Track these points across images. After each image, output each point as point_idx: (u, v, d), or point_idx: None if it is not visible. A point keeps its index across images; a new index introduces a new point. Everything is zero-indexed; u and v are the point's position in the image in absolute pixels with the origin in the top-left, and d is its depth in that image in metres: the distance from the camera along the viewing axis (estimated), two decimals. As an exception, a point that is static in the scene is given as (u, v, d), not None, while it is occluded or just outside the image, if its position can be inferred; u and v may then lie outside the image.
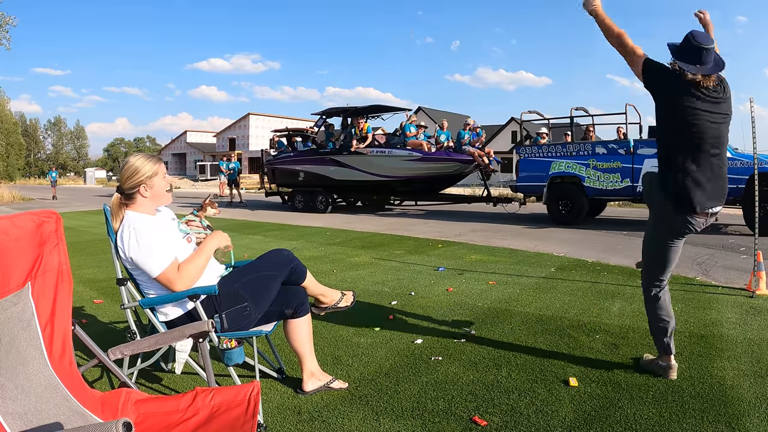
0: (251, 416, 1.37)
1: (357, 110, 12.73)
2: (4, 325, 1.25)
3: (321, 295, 2.52)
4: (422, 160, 11.29)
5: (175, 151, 56.00)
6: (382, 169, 11.67)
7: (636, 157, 8.51)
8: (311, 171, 12.80)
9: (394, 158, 11.54)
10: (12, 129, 51.94)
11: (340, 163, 12.22)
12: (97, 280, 4.76)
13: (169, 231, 2.17)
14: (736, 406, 2.15)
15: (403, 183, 11.88)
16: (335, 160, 12.30)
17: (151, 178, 2.10)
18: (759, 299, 3.92)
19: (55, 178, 24.22)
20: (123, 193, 2.09)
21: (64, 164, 71.02)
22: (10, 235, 1.29)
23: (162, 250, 2.04)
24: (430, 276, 4.89)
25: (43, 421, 1.24)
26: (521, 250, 6.44)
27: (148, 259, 2.01)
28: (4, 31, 22.26)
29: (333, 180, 12.45)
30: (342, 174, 12.24)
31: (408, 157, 11.39)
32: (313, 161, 12.80)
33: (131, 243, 2.01)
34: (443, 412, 2.14)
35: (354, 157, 11.95)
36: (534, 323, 3.35)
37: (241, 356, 2.08)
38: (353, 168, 12.02)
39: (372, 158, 11.77)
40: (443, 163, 11.28)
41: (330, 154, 12.46)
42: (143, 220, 2.07)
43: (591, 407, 2.16)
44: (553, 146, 9.67)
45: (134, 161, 2.10)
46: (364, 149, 11.86)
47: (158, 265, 2.02)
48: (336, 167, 12.30)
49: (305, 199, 13.18)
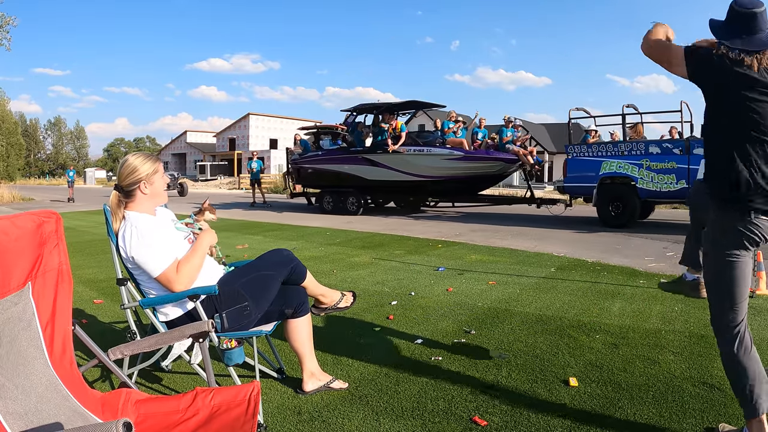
0: (251, 416, 1.37)
1: (390, 107, 11.96)
2: (4, 326, 1.25)
3: (321, 296, 2.52)
4: (464, 159, 10.60)
5: (175, 151, 55.99)
6: (420, 168, 10.99)
7: (692, 157, 7.99)
8: (342, 171, 12.02)
9: (433, 157, 10.83)
10: (12, 129, 51.91)
11: (375, 163, 11.45)
12: (97, 280, 4.76)
13: (170, 231, 2.17)
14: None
15: (442, 183, 11.16)
16: (369, 159, 11.53)
17: (151, 176, 2.11)
18: (759, 299, 3.92)
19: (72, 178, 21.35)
20: (122, 191, 2.10)
21: (64, 164, 71.01)
22: (10, 235, 1.29)
23: (163, 250, 2.04)
24: (430, 276, 4.89)
25: (43, 421, 1.24)
26: (521, 250, 6.44)
27: (149, 258, 2.01)
28: (5, 32, 22.28)
29: (366, 180, 11.72)
30: (376, 174, 11.49)
31: (448, 156, 10.70)
32: (344, 160, 12.00)
33: (133, 242, 2.01)
34: (443, 412, 2.14)
35: (390, 156, 11.20)
36: (534, 323, 3.35)
37: (241, 356, 2.08)
38: (389, 168, 11.27)
39: (409, 157, 11.05)
40: (486, 162, 10.57)
41: (363, 153, 11.71)
42: (145, 219, 2.08)
43: (591, 407, 2.17)
44: (603, 145, 9.16)
45: (133, 159, 2.11)
46: (400, 148, 11.10)
47: (159, 265, 2.02)
48: (370, 167, 11.53)
49: (335, 200, 12.43)
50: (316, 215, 12.03)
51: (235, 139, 48.14)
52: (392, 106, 12.00)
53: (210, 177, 40.93)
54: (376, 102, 12.52)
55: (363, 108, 12.62)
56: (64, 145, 74.08)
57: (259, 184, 16.16)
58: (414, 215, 11.86)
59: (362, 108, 12.62)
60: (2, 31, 22.46)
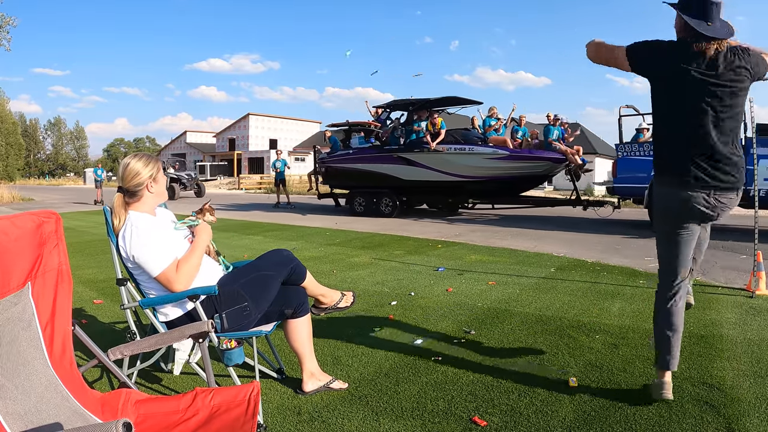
0: (251, 416, 1.37)
1: (426, 102, 11.22)
2: (4, 326, 1.25)
3: (321, 296, 2.52)
4: (508, 159, 9.94)
5: (174, 151, 55.93)
6: (461, 168, 10.30)
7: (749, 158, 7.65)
8: (375, 170, 11.30)
9: (475, 156, 10.14)
10: (12, 129, 51.89)
11: (412, 162, 10.76)
12: (97, 280, 4.75)
13: (170, 231, 2.18)
14: (736, 406, 2.15)
15: (484, 184, 10.44)
16: (405, 158, 10.84)
17: (156, 175, 2.14)
18: (759, 299, 3.92)
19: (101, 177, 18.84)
20: (127, 192, 2.10)
21: (63, 164, 71.02)
22: (10, 236, 1.29)
23: (162, 249, 2.05)
24: (430, 276, 4.89)
25: (43, 421, 1.24)
26: (521, 251, 6.44)
27: (149, 258, 2.02)
28: (5, 32, 22.28)
29: (401, 180, 11.02)
30: (413, 174, 10.82)
31: (492, 155, 10.04)
32: (377, 159, 11.26)
33: (133, 241, 2.02)
34: (443, 412, 2.14)
35: (428, 155, 10.55)
36: (534, 323, 3.35)
37: (241, 356, 2.08)
38: (427, 167, 10.60)
39: (449, 156, 10.37)
40: (532, 161, 9.90)
41: (398, 152, 10.98)
42: (145, 219, 2.09)
43: (591, 407, 2.17)
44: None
45: (135, 162, 2.11)
46: (439, 146, 10.48)
47: (158, 265, 2.02)
48: (406, 166, 10.85)
49: (367, 201, 11.70)
50: (347, 218, 11.32)
51: (234, 139, 48.14)
52: (427, 102, 11.23)
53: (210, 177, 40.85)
54: (409, 99, 11.60)
55: (397, 104, 11.95)
56: (63, 146, 74.06)
57: (284, 184, 15.32)
58: (413, 217, 11.70)
59: (396, 104, 11.96)
60: (2, 32, 22.46)
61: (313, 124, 52.83)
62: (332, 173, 12.27)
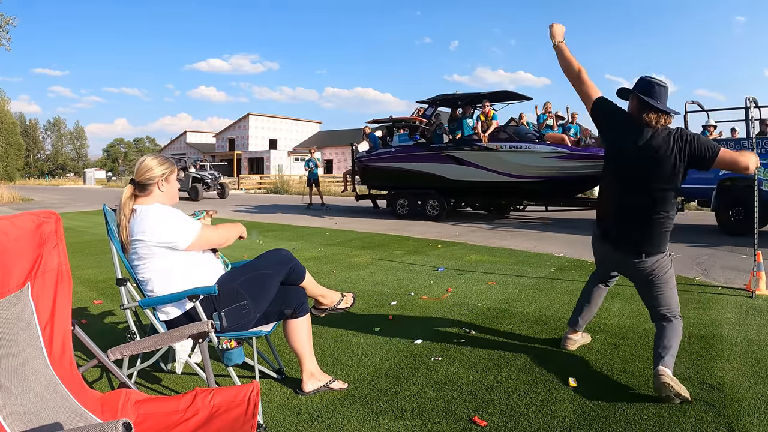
0: (251, 416, 1.37)
1: (476, 97, 10.47)
2: (4, 326, 1.25)
3: (321, 296, 2.52)
4: (569, 158, 9.07)
5: (174, 151, 55.92)
6: (517, 168, 9.49)
7: None
8: (420, 170, 10.55)
9: (533, 155, 9.31)
10: (11, 129, 51.85)
11: (461, 161, 9.96)
12: (97, 280, 4.75)
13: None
14: (736, 406, 2.15)
15: (541, 184, 9.61)
16: (454, 156, 10.06)
17: (169, 175, 2.17)
18: (758, 299, 3.92)
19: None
20: (138, 185, 2.12)
21: (63, 165, 71.00)
22: (9, 236, 1.29)
23: (186, 220, 2.12)
24: (429, 276, 4.89)
25: (43, 421, 1.24)
26: (521, 251, 6.44)
27: (178, 229, 2.07)
28: (5, 32, 22.26)
29: (449, 181, 10.25)
30: (463, 174, 10.03)
31: (551, 153, 9.19)
32: (422, 158, 10.50)
33: (153, 221, 2.05)
34: (443, 412, 2.14)
35: (480, 154, 9.75)
36: (534, 323, 3.35)
37: (240, 356, 2.08)
38: (479, 167, 9.78)
39: (504, 155, 9.55)
40: (594, 161, 8.88)
41: (447, 150, 10.18)
42: (159, 204, 2.14)
43: (591, 407, 2.17)
44: (723, 142, 7.80)
45: (151, 159, 2.16)
46: (492, 144, 9.65)
47: (189, 233, 2.08)
48: (455, 165, 10.06)
49: (411, 203, 10.95)
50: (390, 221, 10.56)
51: (234, 139, 48.12)
52: (476, 97, 10.42)
53: (210, 177, 40.80)
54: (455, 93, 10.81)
55: (443, 99, 11.11)
56: (63, 146, 74.01)
57: (317, 184, 14.42)
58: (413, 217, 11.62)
59: (442, 99, 11.12)
60: (2, 31, 22.44)
61: (312, 124, 52.83)
62: (372, 173, 11.54)
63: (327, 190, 24.84)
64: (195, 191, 18.04)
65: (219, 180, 19.30)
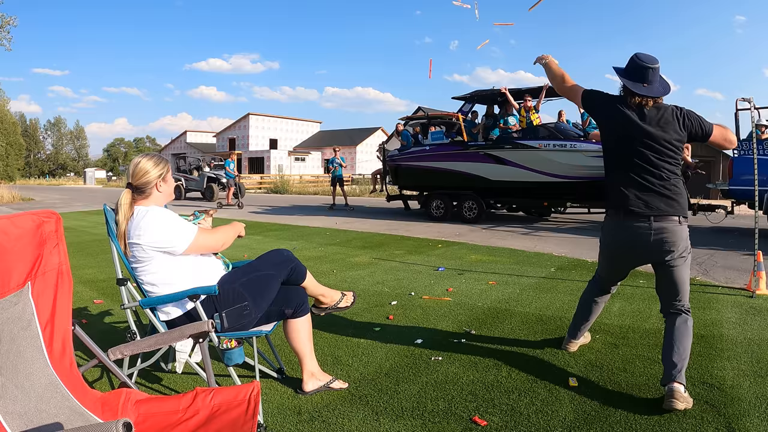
0: (251, 416, 1.37)
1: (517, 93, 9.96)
2: (4, 325, 1.25)
3: (321, 296, 2.52)
4: None
5: (175, 151, 55.88)
6: (561, 167, 8.93)
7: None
8: (457, 170, 9.96)
9: (578, 154, 8.72)
10: (12, 129, 51.87)
11: (502, 160, 9.41)
12: (97, 280, 4.76)
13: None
14: (736, 406, 2.15)
15: (586, 185, 8.99)
16: (494, 156, 9.50)
17: (166, 175, 2.17)
18: (759, 299, 3.92)
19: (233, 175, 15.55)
20: (136, 189, 2.11)
21: (64, 164, 71.00)
22: (10, 235, 1.29)
23: (183, 225, 2.10)
24: (430, 276, 4.89)
25: (43, 421, 1.24)
26: (521, 250, 6.44)
27: (173, 235, 2.06)
28: (5, 32, 22.27)
29: (489, 181, 9.69)
30: (504, 173, 9.48)
31: (597, 152, 8.43)
32: (459, 157, 9.92)
33: (150, 225, 2.04)
34: (443, 412, 2.14)
35: (522, 153, 9.23)
36: (534, 323, 3.35)
37: (241, 356, 2.08)
38: (521, 166, 9.22)
39: (547, 153, 8.98)
40: None
41: (486, 148, 9.63)
42: (156, 207, 2.13)
43: (591, 407, 2.17)
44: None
45: (146, 161, 2.14)
46: (535, 142, 9.15)
47: (185, 237, 2.08)
48: (495, 165, 9.51)
49: (446, 204, 10.39)
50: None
51: (235, 139, 48.13)
52: (518, 93, 9.88)
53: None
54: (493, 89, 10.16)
55: (482, 94, 10.48)
56: (64, 146, 74.03)
57: (341, 184, 13.96)
58: (413, 217, 11.57)
59: (481, 94, 10.48)
60: (2, 31, 22.46)
61: (313, 124, 52.83)
62: (405, 172, 10.90)
63: (327, 190, 24.83)
64: (211, 191, 17.21)
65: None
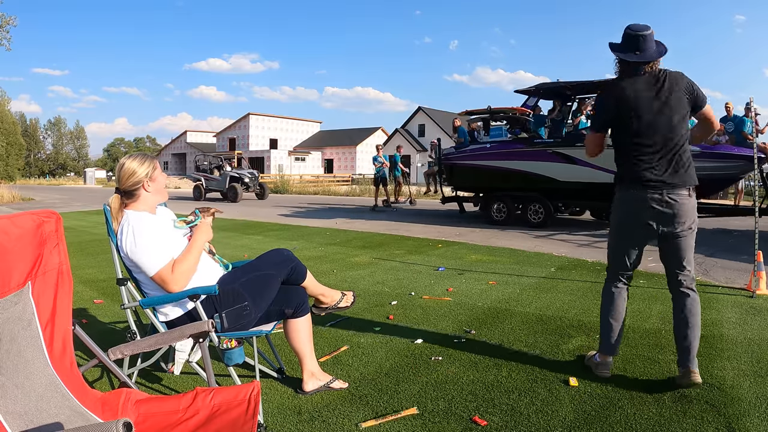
0: (251, 416, 1.37)
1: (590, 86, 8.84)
2: (4, 325, 1.25)
3: (321, 295, 2.52)
4: (700, 157, 7.36)
5: (175, 151, 56.01)
6: None
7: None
8: (522, 169, 9.06)
9: None
10: (12, 129, 51.88)
11: (572, 159, 8.50)
12: (97, 280, 4.76)
13: (169, 230, 2.17)
14: (736, 406, 2.15)
15: None
16: (564, 154, 8.60)
17: (152, 173, 2.12)
18: (759, 299, 3.92)
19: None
20: (124, 193, 2.10)
21: (64, 164, 71.00)
22: (10, 235, 1.29)
23: (159, 249, 2.04)
24: (430, 276, 4.89)
25: (43, 420, 1.24)
26: (521, 250, 6.44)
27: (144, 257, 2.01)
28: (5, 32, 22.28)
29: (557, 182, 8.76)
30: (574, 174, 8.53)
31: None
32: (524, 155, 9.03)
33: (128, 240, 2.01)
34: (443, 412, 2.14)
35: None
36: (534, 323, 3.35)
37: (241, 356, 2.08)
38: (595, 166, 8.21)
39: None
40: (726, 161, 7.56)
41: (555, 146, 8.73)
42: (143, 218, 2.08)
43: (591, 407, 2.17)
44: None
45: (131, 162, 2.10)
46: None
47: (154, 265, 2.01)
48: (565, 164, 8.60)
49: (509, 207, 9.47)
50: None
51: (235, 139, 48.16)
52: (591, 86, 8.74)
53: (210, 177, 40.71)
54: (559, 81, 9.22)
55: (547, 87, 9.39)
56: (64, 145, 74.05)
57: (384, 183, 13.25)
58: (413, 217, 11.50)
59: (547, 87, 9.39)
60: (2, 31, 22.45)
61: (313, 124, 52.83)
62: (461, 172, 9.96)
63: (327, 189, 24.80)
64: (234, 192, 16.27)
65: (257, 179, 17.39)
